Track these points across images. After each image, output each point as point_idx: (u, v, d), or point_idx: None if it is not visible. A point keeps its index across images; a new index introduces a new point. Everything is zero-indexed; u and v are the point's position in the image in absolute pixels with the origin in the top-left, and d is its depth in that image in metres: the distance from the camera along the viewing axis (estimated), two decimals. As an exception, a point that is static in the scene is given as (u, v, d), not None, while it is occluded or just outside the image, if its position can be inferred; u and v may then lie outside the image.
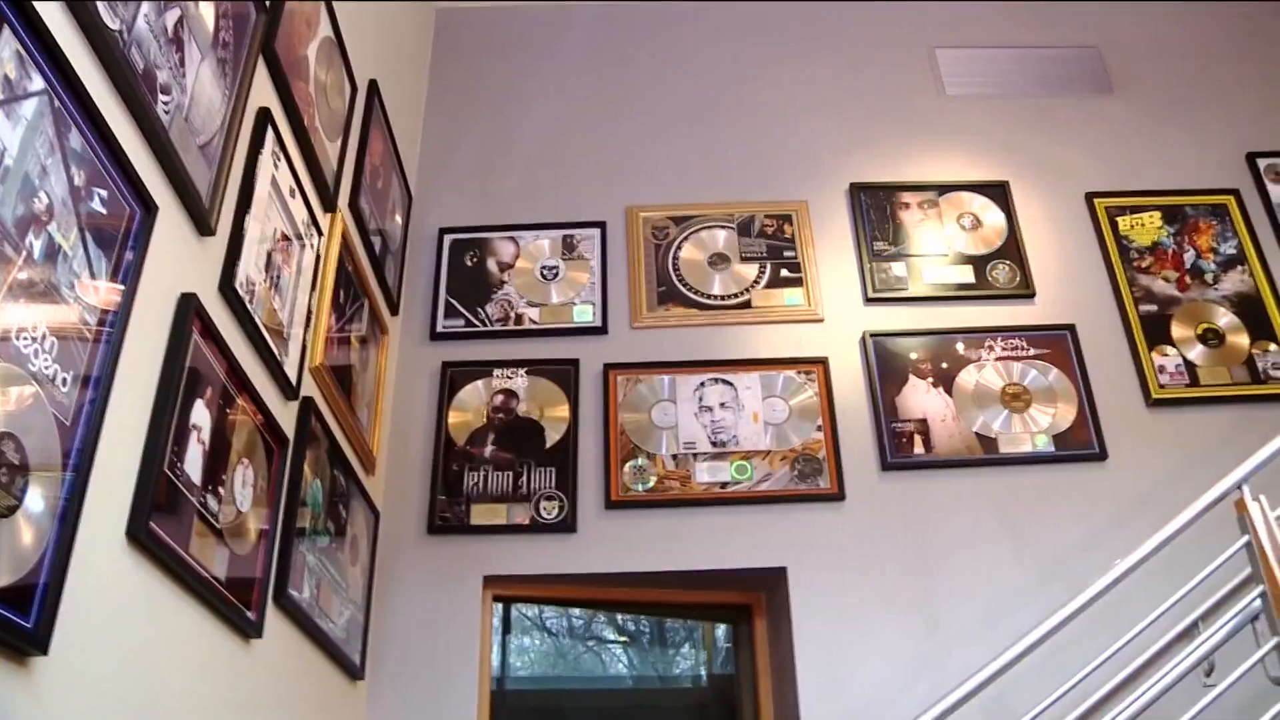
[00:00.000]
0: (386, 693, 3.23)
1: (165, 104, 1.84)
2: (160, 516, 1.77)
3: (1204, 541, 2.80)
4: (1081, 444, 3.64)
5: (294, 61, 2.63)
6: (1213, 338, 3.89)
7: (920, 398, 3.73)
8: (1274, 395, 3.75)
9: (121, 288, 1.68)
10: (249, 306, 2.25)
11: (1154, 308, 3.95)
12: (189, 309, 1.93)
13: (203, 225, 2.03)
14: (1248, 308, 3.96)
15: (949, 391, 3.74)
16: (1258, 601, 2.66)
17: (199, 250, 2.04)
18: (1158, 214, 4.18)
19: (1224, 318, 3.93)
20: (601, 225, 4.11)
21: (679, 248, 4.06)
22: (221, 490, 2.08)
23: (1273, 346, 3.86)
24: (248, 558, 2.21)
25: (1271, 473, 2.88)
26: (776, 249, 4.07)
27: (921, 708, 2.61)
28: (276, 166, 2.48)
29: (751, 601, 3.68)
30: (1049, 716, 2.63)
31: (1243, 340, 3.88)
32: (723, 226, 4.12)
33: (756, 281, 3.99)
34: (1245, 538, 2.73)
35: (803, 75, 4.58)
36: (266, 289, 2.38)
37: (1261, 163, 4.32)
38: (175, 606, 1.87)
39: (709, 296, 3.95)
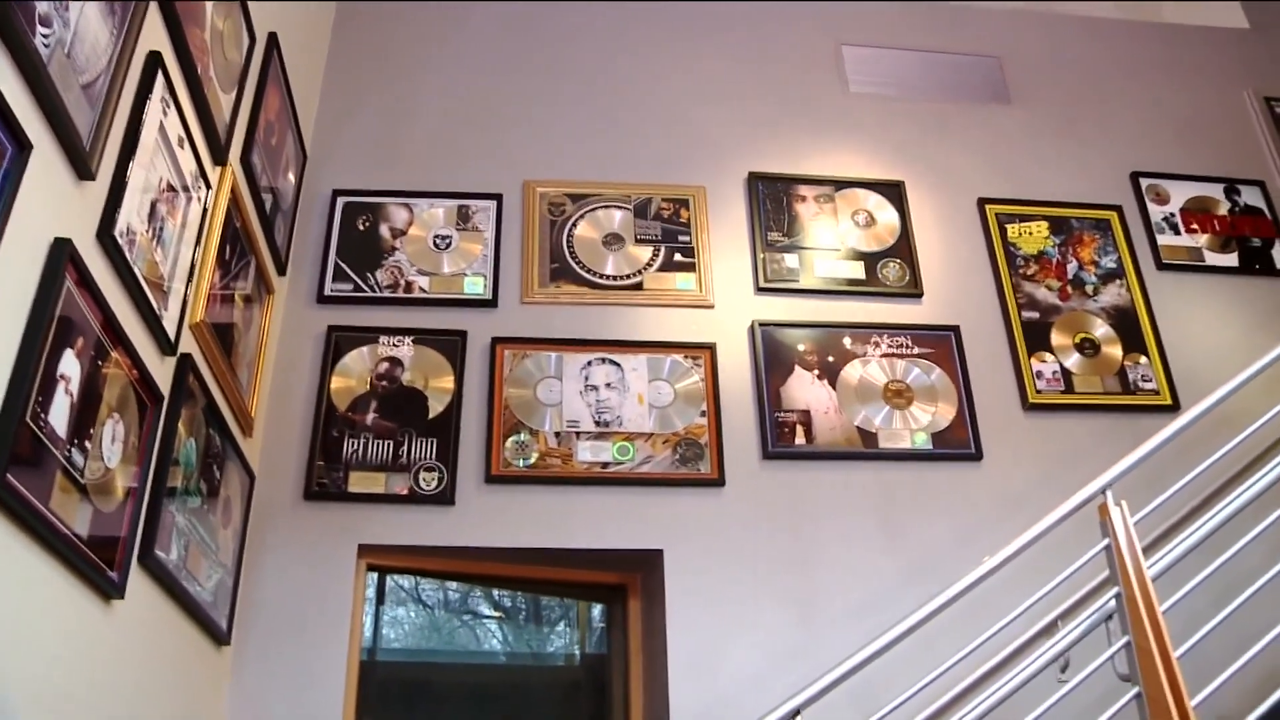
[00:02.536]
0: (253, 659, 3.16)
1: (45, 36, 1.75)
2: (19, 469, 1.70)
3: (1069, 543, 2.89)
4: (959, 443, 3.73)
5: (189, 6, 2.54)
6: (1089, 347, 4.01)
7: (805, 389, 3.77)
8: (1142, 406, 3.89)
9: (-11, 228, 1.60)
10: (128, 256, 2.17)
11: (1036, 315, 4.06)
12: (63, 255, 1.85)
13: (82, 169, 1.94)
14: (1123, 320, 4.09)
15: (833, 384, 3.80)
16: (1112, 602, 2.75)
17: (77, 195, 1.96)
18: (1045, 224, 4.29)
19: (1100, 329, 4.06)
20: (498, 198, 4.06)
21: (574, 225, 4.04)
22: (89, 445, 2.00)
23: (1143, 359, 3.99)
24: (113, 516, 2.14)
25: (1134, 479, 2.98)
26: (672, 233, 4.07)
27: (790, 695, 2.64)
28: (165, 114, 2.39)
29: (627, 582, 3.69)
30: (913, 706, 2.68)
31: (1116, 352, 4.01)
32: (619, 207, 4.11)
33: (650, 264, 3.99)
34: (1106, 541, 2.82)
35: (709, 64, 4.59)
36: (148, 240, 2.30)
37: (1144, 182, 4.47)
38: (31, 564, 1.80)
39: (601, 276, 3.94)
